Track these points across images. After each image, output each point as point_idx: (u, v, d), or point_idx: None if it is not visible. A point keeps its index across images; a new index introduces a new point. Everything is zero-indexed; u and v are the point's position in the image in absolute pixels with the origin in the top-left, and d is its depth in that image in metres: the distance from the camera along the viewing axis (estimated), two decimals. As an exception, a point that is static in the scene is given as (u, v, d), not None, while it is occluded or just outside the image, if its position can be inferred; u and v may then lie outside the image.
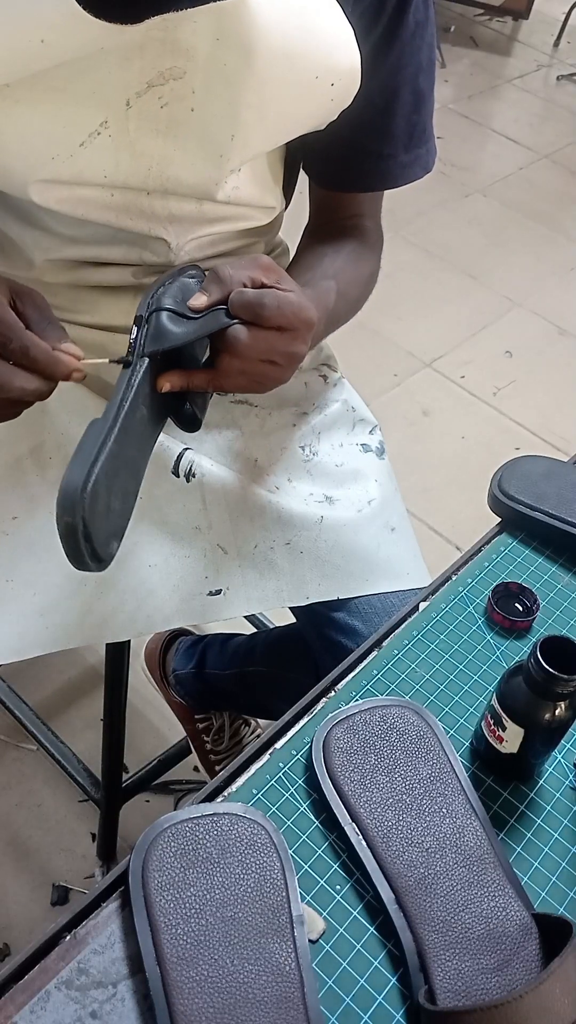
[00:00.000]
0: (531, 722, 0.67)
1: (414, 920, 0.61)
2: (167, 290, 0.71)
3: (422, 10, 0.81)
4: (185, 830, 0.63)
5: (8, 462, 0.86)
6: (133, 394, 0.67)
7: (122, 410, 0.66)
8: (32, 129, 0.72)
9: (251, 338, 0.69)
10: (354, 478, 0.95)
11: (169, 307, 0.69)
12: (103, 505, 0.63)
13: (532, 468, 0.94)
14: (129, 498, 0.70)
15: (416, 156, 0.90)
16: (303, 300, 0.71)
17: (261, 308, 0.68)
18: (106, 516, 0.64)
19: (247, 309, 0.69)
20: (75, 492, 0.61)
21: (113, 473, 0.64)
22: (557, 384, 2.35)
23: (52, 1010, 0.56)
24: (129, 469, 0.69)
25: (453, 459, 2.09)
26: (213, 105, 0.73)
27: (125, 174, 0.76)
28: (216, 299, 0.70)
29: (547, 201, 3.05)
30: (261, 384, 0.74)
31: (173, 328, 0.69)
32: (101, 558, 0.64)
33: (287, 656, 1.13)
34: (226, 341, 0.69)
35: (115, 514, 0.66)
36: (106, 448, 0.63)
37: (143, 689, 1.46)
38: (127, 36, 0.68)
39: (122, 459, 0.66)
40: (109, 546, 0.65)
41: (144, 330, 0.69)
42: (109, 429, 0.64)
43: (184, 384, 0.71)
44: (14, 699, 1.40)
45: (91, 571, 0.64)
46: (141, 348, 0.69)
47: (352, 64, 0.77)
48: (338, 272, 0.88)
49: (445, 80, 3.57)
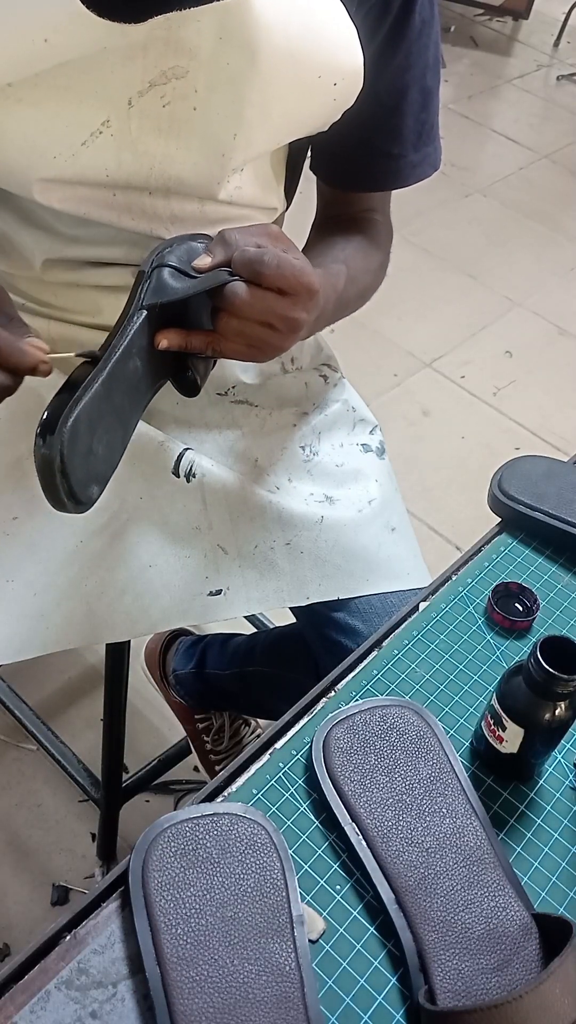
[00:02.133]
0: (531, 722, 0.67)
1: (414, 920, 0.61)
2: (173, 250, 0.71)
3: (428, 8, 0.81)
4: (185, 830, 0.63)
5: (8, 462, 0.86)
6: (127, 342, 0.66)
7: (113, 355, 0.65)
8: (34, 128, 0.72)
9: (250, 296, 0.68)
10: (354, 478, 0.95)
11: (173, 264, 0.70)
12: (84, 445, 0.62)
13: (532, 468, 0.94)
14: (115, 448, 0.68)
15: (425, 155, 0.90)
16: (306, 265, 0.70)
17: (260, 265, 0.68)
18: (86, 457, 0.63)
19: (247, 266, 0.68)
20: (53, 424, 0.60)
21: (98, 416, 0.63)
22: (557, 384, 2.35)
23: (52, 1010, 0.56)
24: (117, 417, 0.67)
25: (453, 459, 2.09)
26: (216, 104, 0.73)
27: (127, 173, 0.76)
28: (220, 260, 0.70)
29: (547, 201, 3.05)
30: (259, 350, 0.73)
31: (174, 283, 0.69)
32: (79, 499, 0.63)
33: (287, 656, 1.13)
34: (224, 298, 0.69)
35: (97, 459, 0.65)
36: (92, 388, 0.62)
37: (143, 689, 1.46)
38: (130, 35, 0.68)
39: (109, 404, 0.65)
40: (88, 488, 0.64)
41: (145, 284, 0.69)
42: (97, 372, 0.64)
43: (182, 343, 0.71)
44: (14, 699, 1.40)
45: (68, 511, 0.63)
46: (140, 301, 0.68)
47: (355, 64, 0.76)
48: (348, 258, 0.88)
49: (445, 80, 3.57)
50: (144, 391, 0.72)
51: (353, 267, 0.87)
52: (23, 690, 1.43)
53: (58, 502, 0.62)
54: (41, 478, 0.61)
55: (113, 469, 0.68)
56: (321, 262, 0.85)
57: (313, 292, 0.71)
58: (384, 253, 0.96)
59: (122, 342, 0.66)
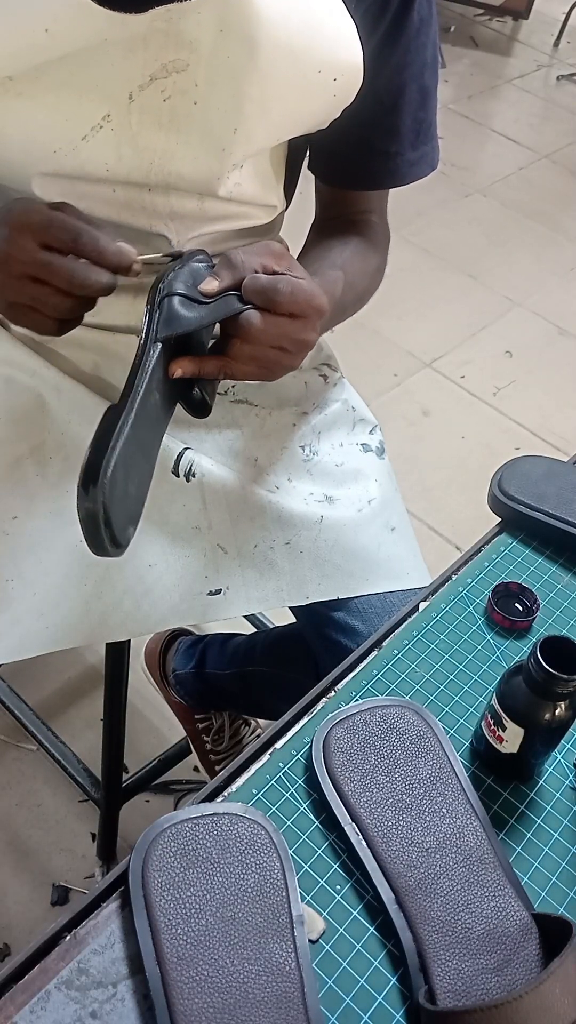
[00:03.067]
0: (531, 722, 0.67)
1: (414, 920, 0.61)
2: (177, 275, 0.71)
3: (426, 6, 0.81)
4: (185, 830, 0.63)
5: (8, 462, 0.86)
6: (148, 379, 0.67)
7: (137, 395, 0.66)
8: (35, 122, 0.72)
9: (264, 323, 0.69)
10: (354, 478, 0.95)
11: (181, 292, 0.70)
12: (121, 490, 0.63)
13: (532, 468, 0.94)
14: (144, 483, 0.70)
15: (423, 153, 0.90)
16: (315, 288, 0.71)
17: (275, 294, 0.68)
18: (124, 501, 0.64)
19: (261, 295, 0.69)
20: (96, 478, 0.61)
21: (130, 458, 0.64)
22: (557, 384, 2.35)
23: (52, 1010, 0.56)
24: (143, 454, 0.69)
25: (453, 459, 2.09)
26: (216, 98, 0.73)
27: (127, 168, 0.76)
28: (228, 284, 0.70)
29: (547, 201, 3.05)
30: (270, 371, 0.73)
31: (185, 313, 0.69)
32: (120, 543, 0.64)
33: (287, 656, 1.13)
34: (239, 326, 0.69)
35: (132, 499, 0.66)
36: (124, 434, 0.63)
37: (143, 689, 1.46)
38: (131, 27, 0.68)
39: (137, 444, 0.66)
40: (127, 531, 0.65)
41: (156, 315, 0.69)
42: (126, 415, 0.64)
43: (195, 370, 0.71)
44: (14, 699, 1.40)
45: (109, 556, 0.64)
46: (155, 333, 0.69)
47: (354, 60, 0.76)
48: (345, 263, 0.88)
49: (445, 80, 3.57)
50: (163, 421, 0.73)
51: (350, 272, 0.88)
52: (23, 690, 1.43)
53: (101, 550, 0.64)
54: (85, 530, 0.62)
55: (143, 504, 0.70)
56: (319, 268, 0.85)
57: (322, 313, 0.72)
58: (381, 256, 0.96)
59: (144, 380, 0.67)
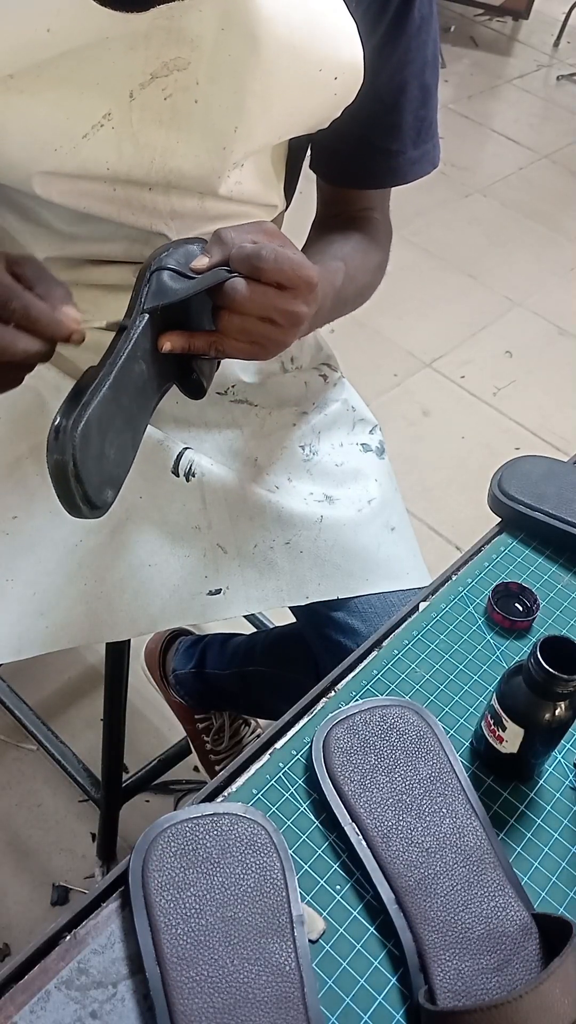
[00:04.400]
0: (531, 722, 0.67)
1: (414, 920, 0.61)
2: (171, 253, 0.72)
3: (426, 5, 0.81)
4: (185, 830, 0.63)
5: (8, 462, 0.86)
6: (131, 346, 0.66)
7: (118, 359, 0.65)
8: (35, 120, 0.72)
9: (249, 291, 0.68)
10: (354, 478, 0.95)
11: (171, 267, 0.70)
12: (96, 448, 0.62)
13: (532, 468, 0.94)
14: (126, 451, 0.69)
15: (424, 151, 0.90)
16: (303, 259, 0.70)
17: (258, 260, 0.68)
18: (99, 461, 0.63)
19: (245, 262, 0.68)
20: (65, 429, 0.60)
21: (107, 420, 0.64)
22: (557, 384, 2.35)
23: (52, 1010, 0.56)
24: (126, 421, 0.68)
25: (453, 459, 2.09)
26: (217, 96, 0.73)
27: (128, 166, 0.76)
28: (218, 260, 0.70)
29: (547, 201, 3.05)
30: (262, 347, 0.73)
31: (173, 285, 0.69)
32: (94, 503, 0.63)
33: (287, 656, 1.13)
34: (225, 295, 0.69)
35: (110, 462, 0.65)
36: (100, 392, 0.63)
37: (143, 689, 1.46)
38: (132, 25, 0.68)
39: (118, 408, 0.65)
40: (102, 492, 0.64)
41: (145, 288, 0.70)
42: (104, 375, 0.64)
43: (185, 345, 0.71)
44: (14, 699, 1.40)
45: (83, 516, 0.63)
46: (141, 305, 0.69)
47: (355, 59, 0.76)
48: (347, 256, 0.88)
49: (445, 80, 3.57)
50: (151, 394, 0.73)
51: (351, 265, 0.87)
52: (23, 690, 1.43)
53: (73, 507, 0.62)
54: (55, 484, 0.61)
55: (126, 472, 0.69)
56: (319, 260, 0.85)
57: (312, 285, 0.71)
58: (383, 252, 0.96)
59: (126, 346, 0.66)
